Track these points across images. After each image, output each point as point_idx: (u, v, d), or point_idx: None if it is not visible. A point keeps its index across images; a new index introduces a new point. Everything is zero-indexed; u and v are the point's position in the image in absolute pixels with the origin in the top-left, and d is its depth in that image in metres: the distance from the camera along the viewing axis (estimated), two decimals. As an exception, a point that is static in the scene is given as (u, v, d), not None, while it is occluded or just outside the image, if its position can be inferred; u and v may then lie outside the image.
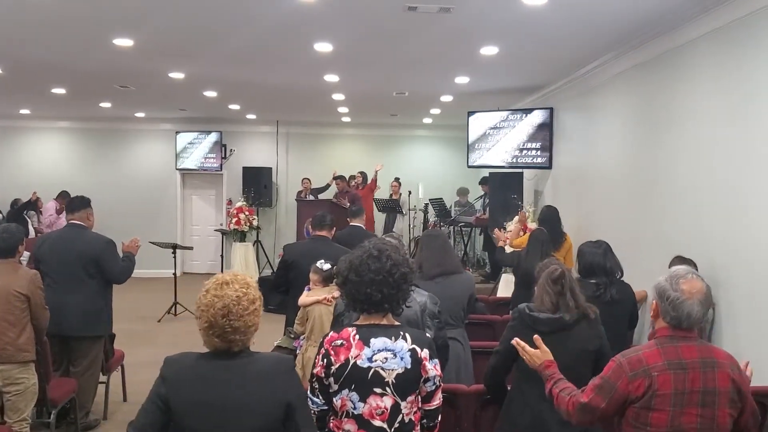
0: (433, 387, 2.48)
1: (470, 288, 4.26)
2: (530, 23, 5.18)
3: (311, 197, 11.46)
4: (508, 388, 3.23)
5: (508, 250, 6.58)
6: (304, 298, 4.34)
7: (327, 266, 4.30)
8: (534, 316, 3.05)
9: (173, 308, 9.13)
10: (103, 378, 5.25)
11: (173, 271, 9.55)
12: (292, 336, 4.54)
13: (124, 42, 6.00)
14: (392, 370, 2.38)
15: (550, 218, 6.19)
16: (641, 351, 2.35)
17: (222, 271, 12.89)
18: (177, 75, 7.71)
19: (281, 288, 5.11)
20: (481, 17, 5.08)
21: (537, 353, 2.71)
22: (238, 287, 2.24)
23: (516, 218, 7.48)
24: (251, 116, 12.23)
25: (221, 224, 12.76)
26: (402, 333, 2.44)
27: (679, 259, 4.23)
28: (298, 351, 4.39)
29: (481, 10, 4.88)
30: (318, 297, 4.24)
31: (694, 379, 2.27)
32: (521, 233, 6.95)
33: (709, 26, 4.56)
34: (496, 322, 5.14)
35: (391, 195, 11.50)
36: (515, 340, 2.80)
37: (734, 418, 2.34)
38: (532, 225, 7.12)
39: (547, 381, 2.64)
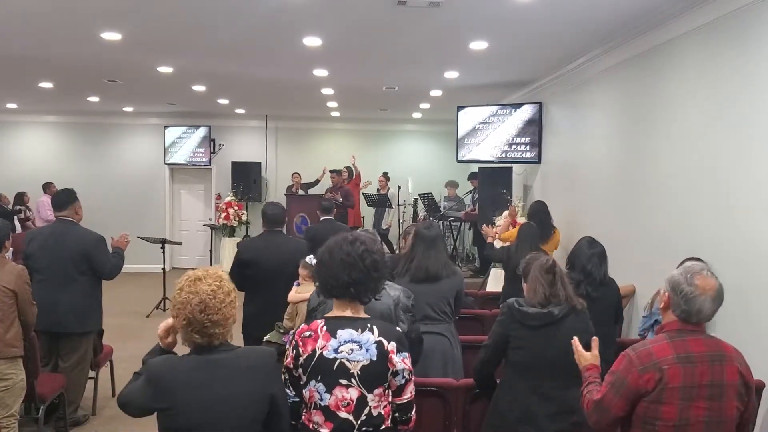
0: (403, 381, 2.48)
1: (458, 284, 4.17)
2: (519, 18, 5.20)
3: (302, 192, 11.46)
4: (497, 381, 3.25)
5: (498, 244, 6.62)
6: (294, 295, 4.35)
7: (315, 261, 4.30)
8: (523, 310, 3.06)
9: (162, 303, 9.09)
10: (91, 373, 5.24)
11: (162, 266, 9.52)
12: (281, 331, 4.55)
13: (112, 36, 5.96)
14: (357, 361, 2.39)
15: (539, 212, 6.30)
16: (650, 345, 2.35)
17: (211, 266, 12.92)
18: (165, 69, 7.66)
19: (241, 289, 4.89)
20: (471, 12, 5.09)
21: (586, 355, 2.68)
22: (212, 281, 2.30)
23: (505, 213, 7.52)
24: (240, 111, 12.18)
25: (210, 219, 12.75)
26: (369, 325, 2.45)
27: (692, 261, 4.24)
28: (287, 346, 4.39)
29: (471, 5, 4.89)
30: (307, 296, 4.24)
31: (703, 372, 2.28)
32: (510, 227, 7.02)
33: (696, 22, 4.59)
34: (485, 317, 5.16)
35: (378, 190, 11.53)
36: (574, 340, 2.76)
37: (741, 411, 2.35)
38: (521, 219, 7.18)
39: (583, 382, 2.63)
